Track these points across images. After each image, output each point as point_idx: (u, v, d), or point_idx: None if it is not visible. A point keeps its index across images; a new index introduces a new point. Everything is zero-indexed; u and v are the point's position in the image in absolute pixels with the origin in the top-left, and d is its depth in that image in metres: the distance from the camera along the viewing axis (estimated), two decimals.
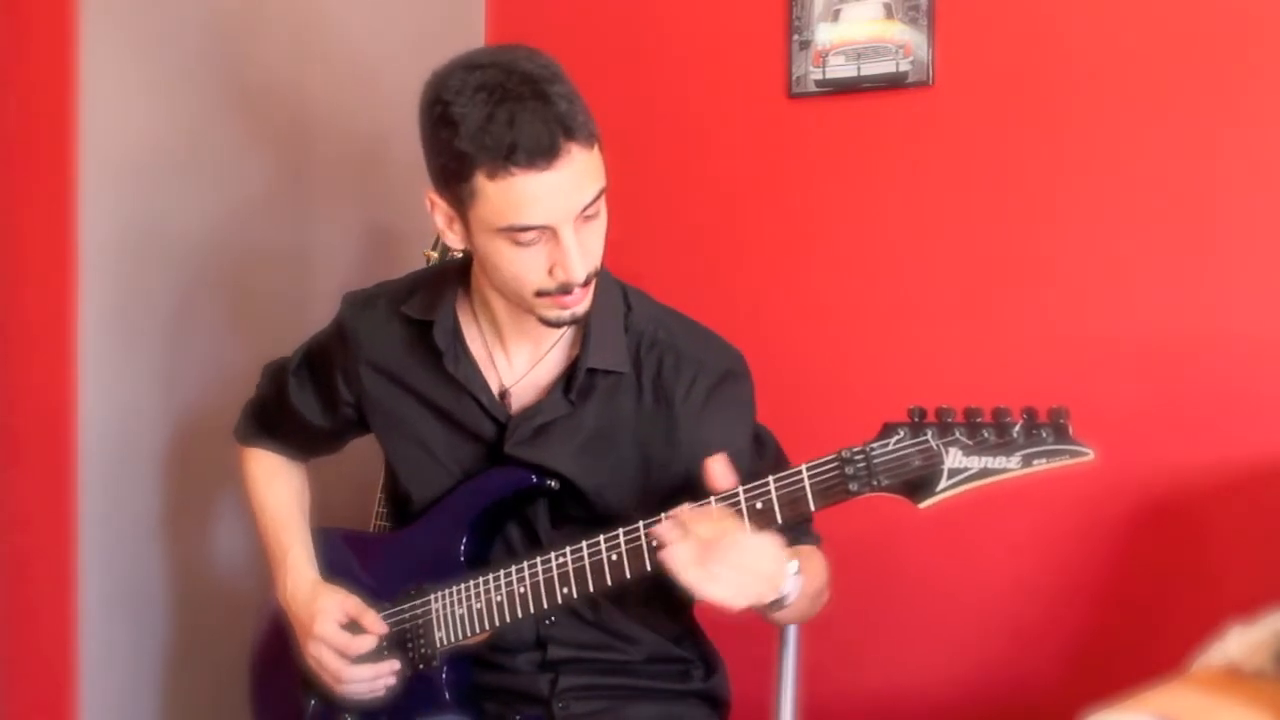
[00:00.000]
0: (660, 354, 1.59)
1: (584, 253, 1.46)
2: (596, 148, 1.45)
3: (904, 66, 2.23)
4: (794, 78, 2.32)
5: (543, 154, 1.39)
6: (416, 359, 1.64)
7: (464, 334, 1.62)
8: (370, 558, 1.72)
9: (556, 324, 1.52)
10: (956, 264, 2.21)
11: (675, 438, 1.57)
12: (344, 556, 1.73)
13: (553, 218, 1.42)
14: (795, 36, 2.32)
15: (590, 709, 1.62)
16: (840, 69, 2.28)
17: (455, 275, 1.64)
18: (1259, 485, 1.95)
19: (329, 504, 1.85)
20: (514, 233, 1.43)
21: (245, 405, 1.83)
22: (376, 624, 1.62)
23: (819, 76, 2.30)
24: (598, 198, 1.45)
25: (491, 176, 1.40)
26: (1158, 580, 2.04)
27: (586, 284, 1.49)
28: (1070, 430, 1.27)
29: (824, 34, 2.29)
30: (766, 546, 1.39)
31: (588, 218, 1.45)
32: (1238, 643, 1.49)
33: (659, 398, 1.58)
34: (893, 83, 2.24)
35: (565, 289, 1.46)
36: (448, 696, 1.61)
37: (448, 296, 1.63)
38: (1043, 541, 2.11)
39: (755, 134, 2.38)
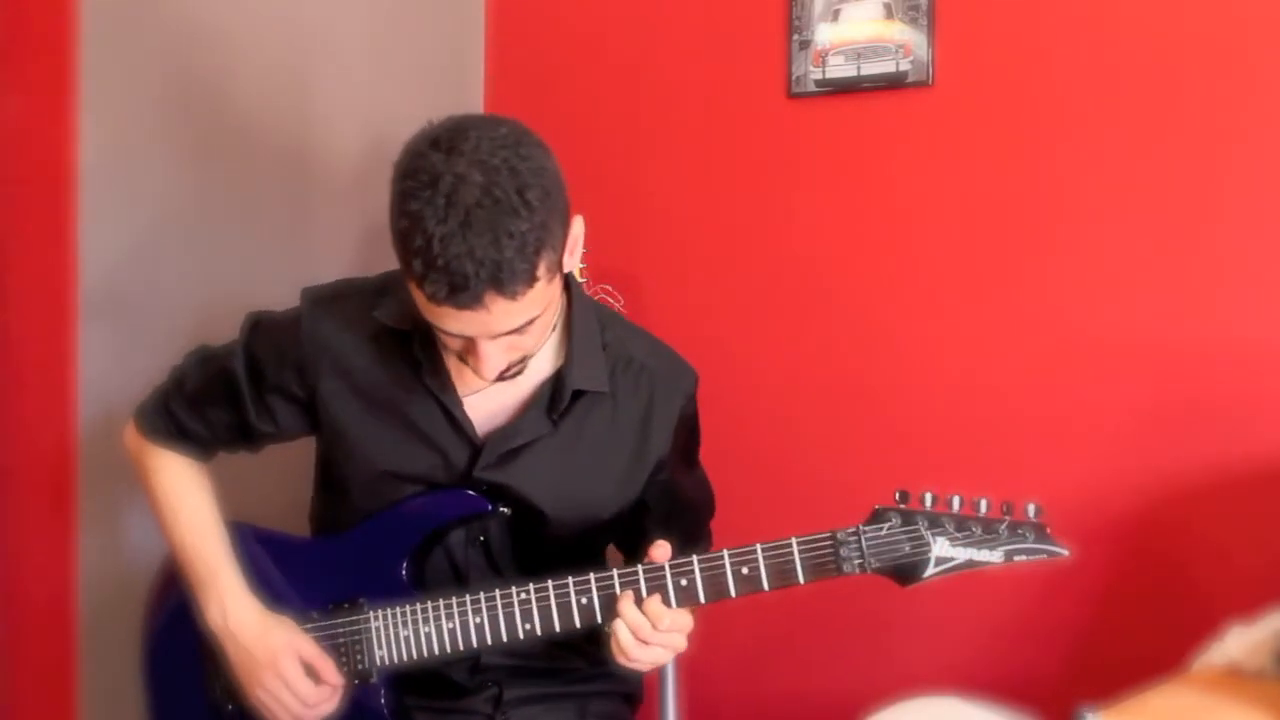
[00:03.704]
0: (635, 374, 1.63)
1: (504, 356, 1.45)
2: (538, 285, 1.39)
3: (904, 66, 2.23)
4: (794, 77, 2.32)
5: (456, 298, 1.35)
6: (387, 367, 1.59)
7: (438, 346, 1.57)
8: (292, 562, 1.66)
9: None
10: (955, 264, 2.21)
11: (644, 455, 1.62)
12: (261, 558, 1.66)
13: (469, 334, 1.42)
14: (795, 36, 2.32)
15: (527, 716, 1.64)
16: (840, 69, 2.28)
17: None
18: (1258, 486, 1.95)
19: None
20: (434, 326, 1.44)
21: (156, 393, 1.71)
22: (334, 676, 1.58)
23: (819, 76, 2.30)
24: (525, 325, 1.42)
25: (417, 285, 1.39)
26: (1158, 580, 2.04)
27: (505, 370, 1.49)
28: (1049, 531, 1.40)
29: (824, 34, 2.29)
30: (687, 628, 1.49)
31: (518, 332, 1.43)
32: (1238, 643, 1.49)
33: (634, 416, 1.62)
34: (892, 83, 2.24)
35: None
36: (387, 715, 1.59)
37: None
38: None
39: (755, 134, 2.37)
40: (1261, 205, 1.99)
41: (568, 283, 1.60)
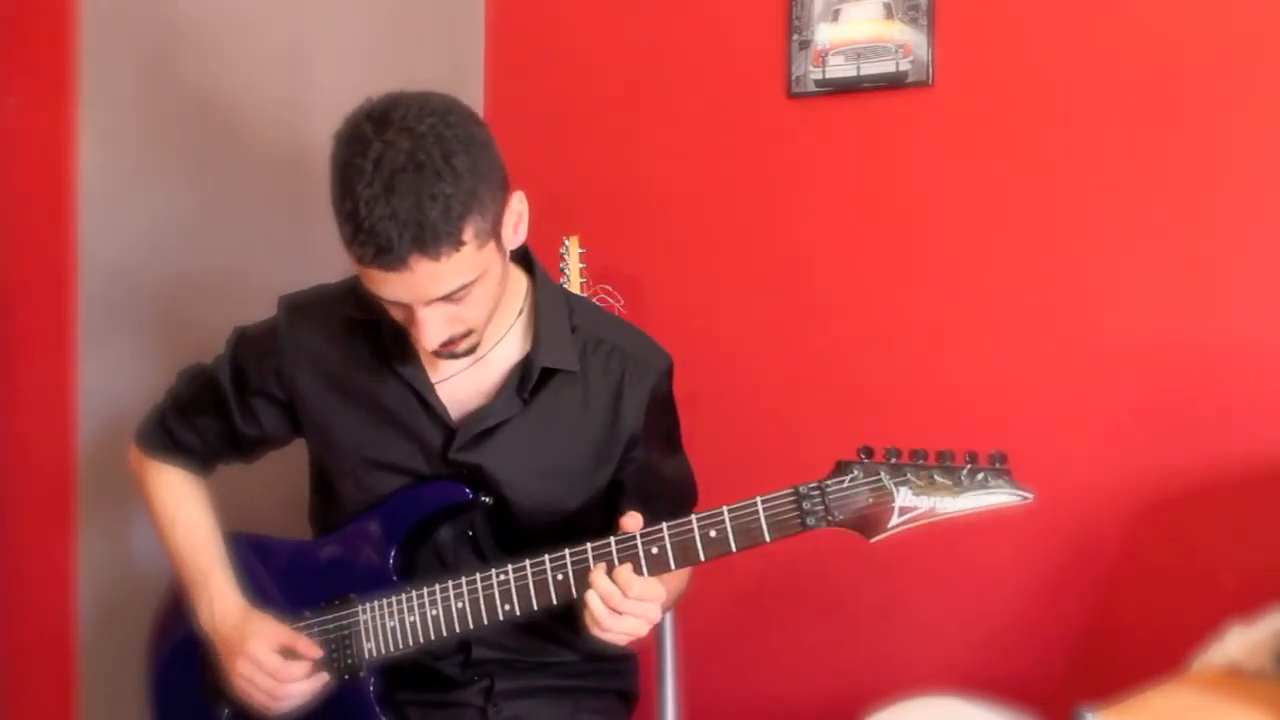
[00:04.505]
0: (606, 353, 1.64)
1: (444, 326, 1.47)
2: (465, 249, 1.41)
3: (904, 66, 2.23)
4: (794, 77, 2.32)
5: (382, 259, 1.39)
6: (359, 360, 1.63)
7: (409, 334, 1.60)
8: (286, 565, 1.70)
9: (436, 355, 1.53)
10: (956, 264, 2.21)
11: (616, 433, 1.63)
12: (257, 564, 1.70)
13: (402, 299, 1.45)
14: (795, 36, 2.32)
15: (519, 710, 1.65)
16: (840, 69, 2.28)
17: None
18: (1258, 486, 1.95)
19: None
20: (374, 295, 1.47)
21: (154, 411, 1.77)
22: (310, 649, 1.61)
23: (819, 76, 2.30)
24: (461, 289, 1.44)
25: (349, 249, 1.43)
26: (1158, 580, 2.04)
27: (451, 344, 1.50)
28: (1012, 475, 1.36)
29: (824, 34, 2.29)
30: (659, 598, 1.48)
31: (454, 300, 1.45)
32: (1238, 643, 1.49)
33: (605, 395, 1.63)
34: (892, 83, 2.24)
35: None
36: (376, 708, 1.61)
37: None
38: (1043, 541, 2.11)
39: (755, 134, 2.37)
40: (1261, 205, 1.99)
41: (532, 268, 1.64)
